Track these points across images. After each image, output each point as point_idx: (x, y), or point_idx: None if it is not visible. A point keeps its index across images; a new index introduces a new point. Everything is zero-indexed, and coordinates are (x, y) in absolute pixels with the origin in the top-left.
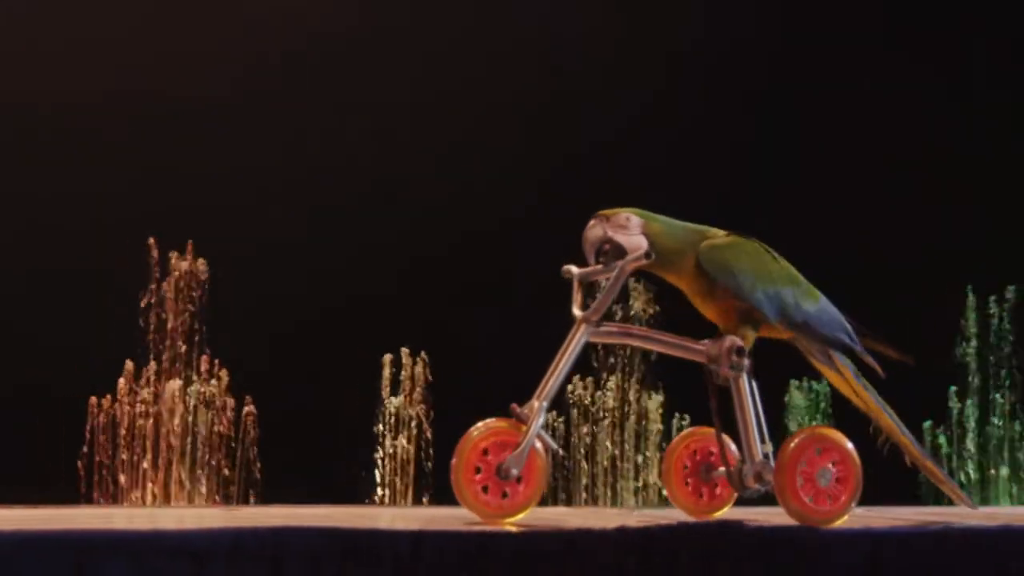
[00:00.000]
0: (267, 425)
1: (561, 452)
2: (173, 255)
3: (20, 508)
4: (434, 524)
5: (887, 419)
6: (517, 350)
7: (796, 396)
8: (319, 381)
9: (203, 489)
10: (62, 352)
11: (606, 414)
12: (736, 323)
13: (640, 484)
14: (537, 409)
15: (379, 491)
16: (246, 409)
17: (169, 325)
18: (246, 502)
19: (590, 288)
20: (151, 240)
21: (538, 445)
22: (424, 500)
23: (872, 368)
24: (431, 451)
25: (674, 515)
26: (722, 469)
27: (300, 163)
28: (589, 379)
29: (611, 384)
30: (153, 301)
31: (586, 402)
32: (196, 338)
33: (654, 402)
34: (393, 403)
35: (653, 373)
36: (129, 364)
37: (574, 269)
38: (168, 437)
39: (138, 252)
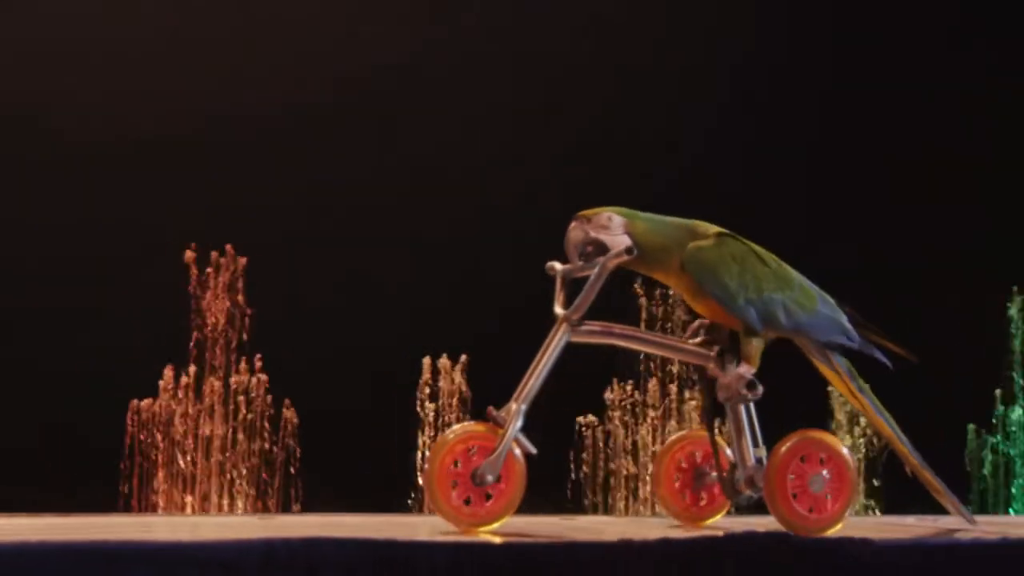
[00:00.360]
0: (306, 430)
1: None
2: (214, 255)
3: (53, 516)
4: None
5: (885, 426)
6: (562, 359)
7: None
8: (357, 385)
9: (243, 497)
10: (102, 354)
11: (646, 417)
12: (725, 320)
13: None
14: (515, 412)
15: (416, 499)
16: (285, 413)
17: (209, 328)
18: (286, 510)
19: (576, 286)
20: (191, 247)
21: (516, 450)
22: None
23: (881, 365)
24: None
25: (724, 524)
26: (716, 474)
27: (343, 167)
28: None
29: (651, 385)
30: (193, 304)
31: (626, 405)
32: (234, 342)
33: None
34: (431, 409)
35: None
36: (168, 369)
37: (557, 266)
38: (207, 442)
39: (178, 254)
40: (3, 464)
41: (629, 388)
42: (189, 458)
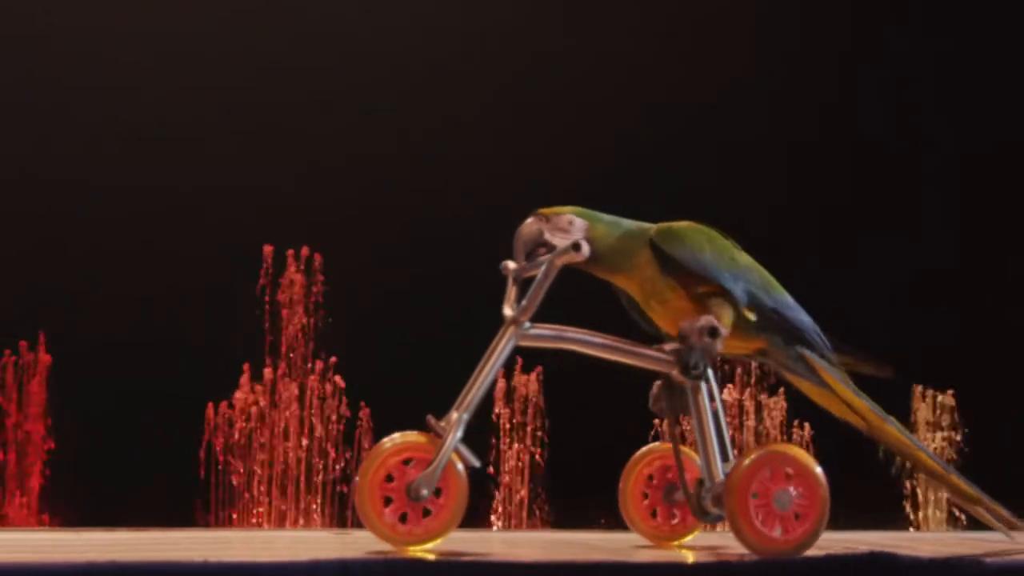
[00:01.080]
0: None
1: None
2: (289, 255)
3: (127, 531)
4: (552, 552)
5: (894, 431)
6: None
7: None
8: (429, 390)
9: (319, 510)
10: (179, 358)
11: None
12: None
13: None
14: (455, 421)
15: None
16: (361, 416)
17: (285, 330)
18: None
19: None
20: (269, 247)
21: (457, 463)
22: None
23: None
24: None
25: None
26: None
27: (414, 167)
28: None
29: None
30: (268, 306)
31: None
32: (311, 343)
33: (776, 409)
34: (503, 416)
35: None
36: (245, 373)
37: (511, 264)
38: (285, 451)
39: (255, 255)
40: (78, 471)
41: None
42: (264, 467)
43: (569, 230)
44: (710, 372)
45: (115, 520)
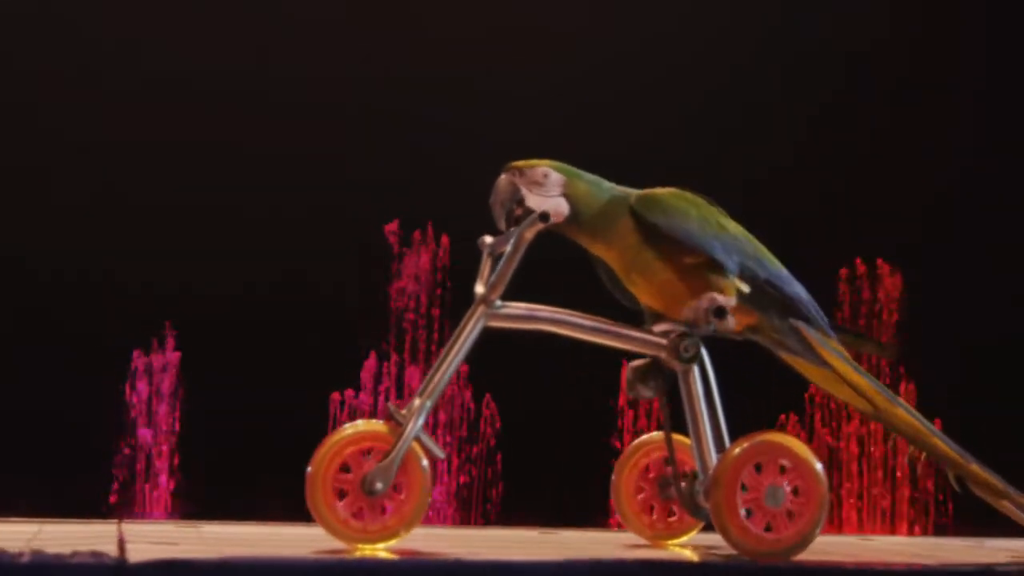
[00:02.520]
0: (507, 429)
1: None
2: (416, 235)
3: (261, 524)
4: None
5: (904, 415)
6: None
7: None
8: (557, 380)
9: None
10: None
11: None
12: (690, 292)
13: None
14: (417, 409)
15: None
16: (485, 411)
17: (409, 313)
18: (486, 522)
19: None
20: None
21: (420, 455)
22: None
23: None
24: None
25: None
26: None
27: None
28: None
29: None
30: (392, 286)
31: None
32: (436, 325)
33: None
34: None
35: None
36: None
37: (488, 239)
38: None
39: (377, 234)
40: (209, 464)
41: None
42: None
43: (544, 183)
44: (704, 352)
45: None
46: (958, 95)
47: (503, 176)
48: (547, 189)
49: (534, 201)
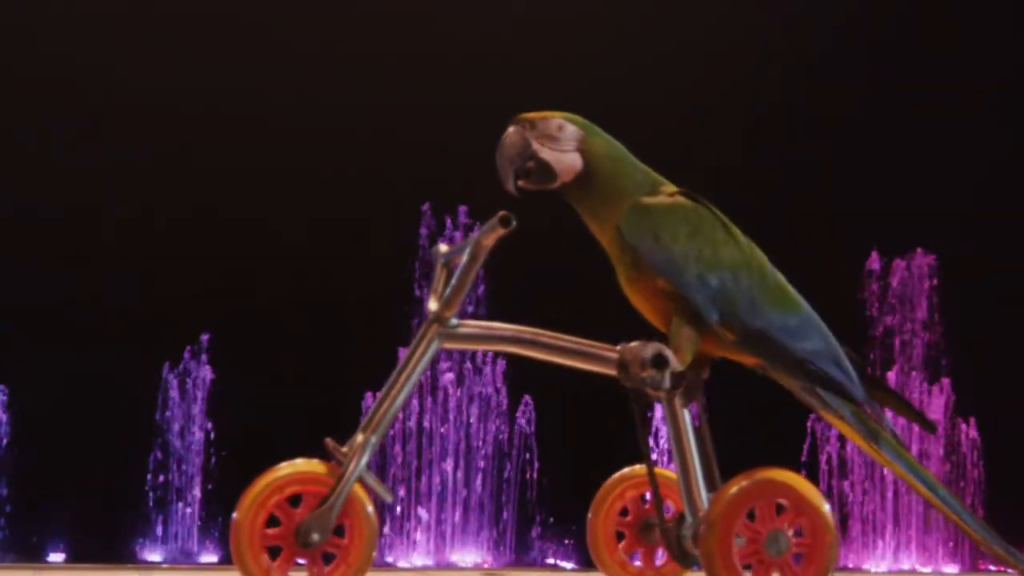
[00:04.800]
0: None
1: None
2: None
3: None
4: None
5: (925, 492)
6: None
7: None
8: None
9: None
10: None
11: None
12: (667, 319)
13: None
14: (359, 446)
15: None
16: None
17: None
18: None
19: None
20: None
21: (363, 499)
22: None
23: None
24: None
25: None
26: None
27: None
28: None
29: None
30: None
31: None
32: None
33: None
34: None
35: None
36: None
37: (442, 248)
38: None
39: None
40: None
41: None
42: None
43: (559, 136)
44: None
45: None
46: None
47: (511, 129)
48: (562, 143)
49: (548, 155)
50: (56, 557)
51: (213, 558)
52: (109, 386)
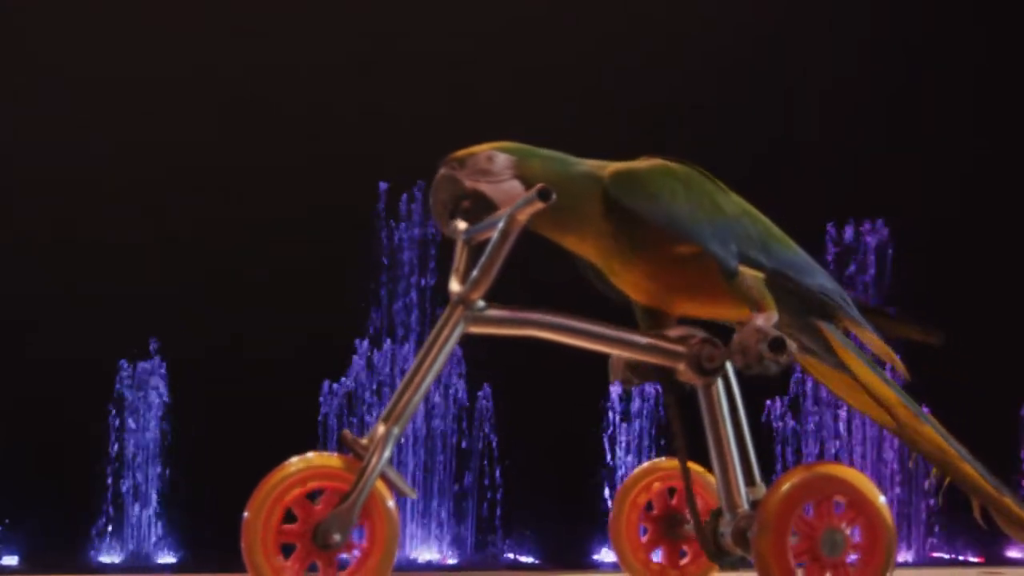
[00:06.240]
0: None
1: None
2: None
3: None
4: None
5: (931, 433)
6: None
7: None
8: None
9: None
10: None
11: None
12: (686, 284)
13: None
14: (382, 438)
15: None
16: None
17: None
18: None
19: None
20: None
21: (385, 495)
22: None
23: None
24: None
25: None
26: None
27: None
28: None
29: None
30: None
31: None
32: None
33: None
34: None
35: None
36: None
37: (461, 225)
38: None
39: None
40: None
41: None
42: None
43: (491, 169)
44: (728, 365)
45: None
46: None
47: (441, 171)
48: (496, 174)
49: (484, 188)
50: (10, 560)
51: (171, 559)
52: (61, 392)
